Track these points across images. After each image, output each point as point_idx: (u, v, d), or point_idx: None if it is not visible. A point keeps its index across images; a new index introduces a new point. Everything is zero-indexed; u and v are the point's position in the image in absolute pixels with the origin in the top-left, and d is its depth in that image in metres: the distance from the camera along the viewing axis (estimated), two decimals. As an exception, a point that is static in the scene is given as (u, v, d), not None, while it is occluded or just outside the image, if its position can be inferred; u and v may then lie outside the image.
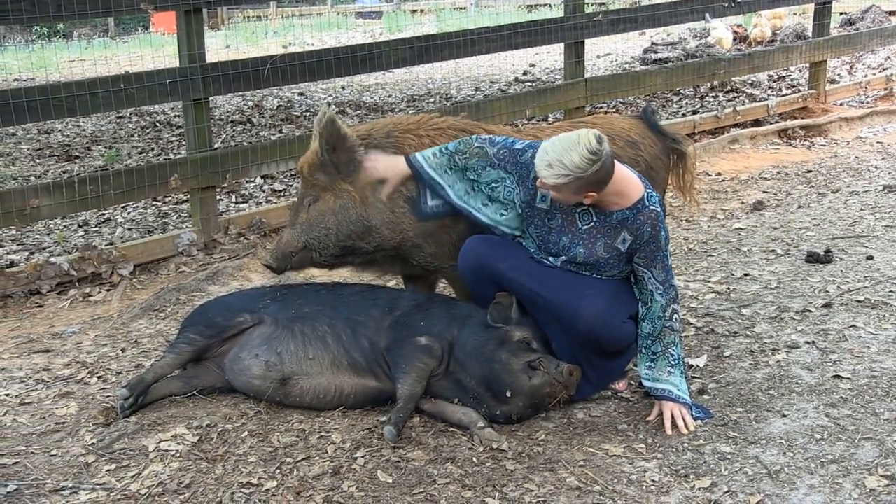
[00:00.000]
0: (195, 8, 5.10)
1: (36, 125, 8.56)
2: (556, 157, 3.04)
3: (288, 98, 10.13)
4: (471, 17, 14.74)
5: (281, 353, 3.38)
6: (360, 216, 3.48)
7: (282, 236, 3.57)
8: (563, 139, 3.08)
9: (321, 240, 3.51)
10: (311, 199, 3.50)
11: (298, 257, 3.54)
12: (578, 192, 3.11)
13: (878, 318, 4.02)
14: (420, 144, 3.56)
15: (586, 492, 2.87)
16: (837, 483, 2.85)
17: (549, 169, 3.06)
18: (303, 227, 3.51)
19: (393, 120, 3.68)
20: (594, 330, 3.23)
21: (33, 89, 4.66)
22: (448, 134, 3.63)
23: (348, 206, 3.48)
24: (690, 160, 3.98)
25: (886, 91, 9.06)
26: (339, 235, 3.50)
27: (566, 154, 3.03)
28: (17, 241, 5.62)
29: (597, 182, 3.10)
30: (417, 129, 3.61)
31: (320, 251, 3.54)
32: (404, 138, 3.57)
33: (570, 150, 3.03)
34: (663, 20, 7.62)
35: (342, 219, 3.48)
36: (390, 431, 3.09)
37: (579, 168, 3.03)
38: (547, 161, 3.06)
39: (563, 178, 3.05)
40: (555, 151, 3.05)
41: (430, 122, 3.67)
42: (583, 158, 3.02)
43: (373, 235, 3.51)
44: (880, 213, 5.58)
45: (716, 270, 4.77)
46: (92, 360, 3.94)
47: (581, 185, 3.08)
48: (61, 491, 2.91)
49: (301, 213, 3.53)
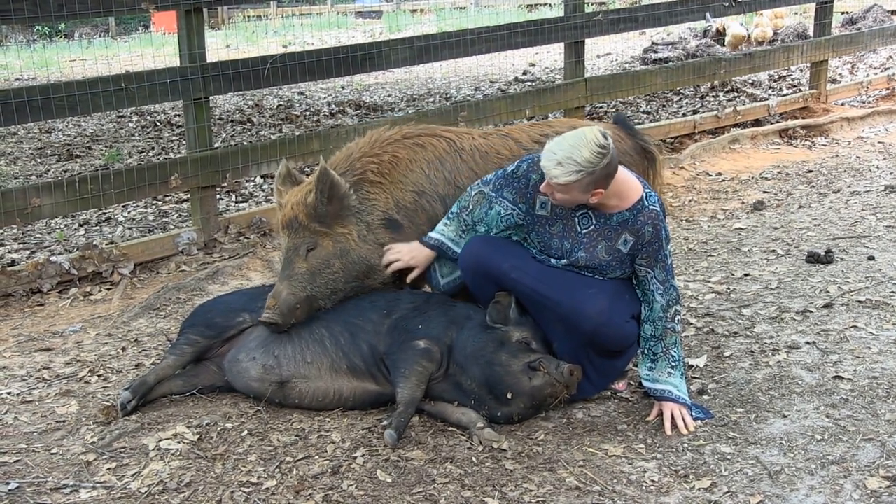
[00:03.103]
0: (196, 7, 5.10)
1: (37, 124, 8.56)
2: (566, 155, 3.05)
3: (288, 97, 10.13)
4: (471, 17, 14.73)
5: (278, 357, 3.38)
6: (361, 258, 3.47)
7: (278, 291, 3.42)
8: (568, 138, 3.09)
9: (329, 286, 3.45)
10: (308, 246, 3.44)
11: (303, 308, 3.42)
12: (587, 189, 3.11)
13: (880, 319, 4.02)
14: (380, 163, 3.54)
15: (586, 492, 2.87)
16: (838, 484, 2.85)
17: (559, 168, 3.06)
18: (304, 276, 3.42)
19: (345, 151, 3.64)
20: (597, 329, 3.23)
21: (34, 88, 4.67)
22: (405, 144, 3.61)
23: (349, 250, 3.46)
24: (660, 163, 3.97)
25: (888, 91, 9.05)
26: (346, 278, 3.47)
27: (576, 151, 3.04)
28: (18, 239, 5.63)
29: (605, 177, 3.10)
30: (372, 149, 3.58)
31: (328, 297, 3.46)
32: (364, 164, 3.54)
33: (578, 146, 3.04)
34: (663, 20, 7.62)
35: (346, 262, 3.46)
36: (391, 435, 3.09)
37: (590, 163, 3.03)
38: (556, 160, 3.06)
39: (574, 174, 3.05)
40: (563, 150, 3.06)
41: (381, 138, 3.63)
42: (593, 153, 3.03)
43: (377, 274, 3.51)
44: (881, 214, 5.58)
45: (716, 270, 4.77)
46: (93, 358, 3.94)
47: (591, 182, 3.08)
48: (62, 489, 2.91)
49: (297, 263, 3.43)
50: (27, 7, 4.58)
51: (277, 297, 3.41)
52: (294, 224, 3.46)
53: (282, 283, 3.44)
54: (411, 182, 3.56)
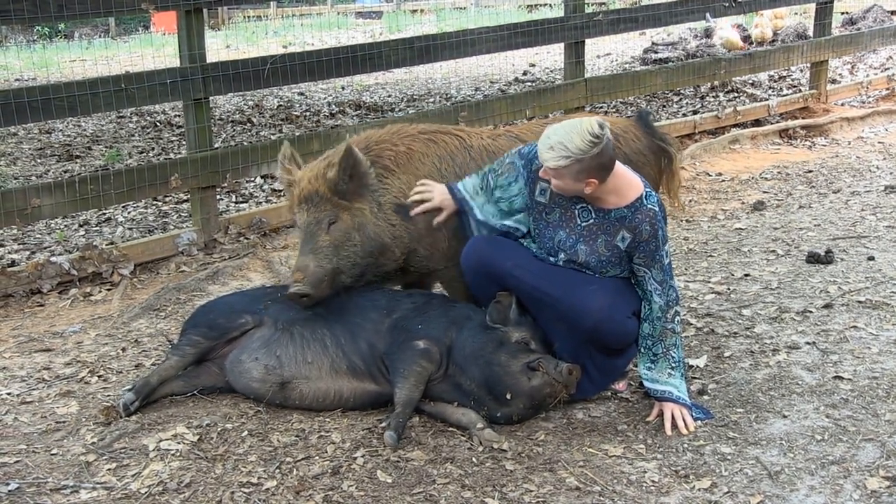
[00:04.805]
0: (196, 8, 5.09)
1: (37, 125, 8.54)
2: (558, 140, 3.09)
3: (288, 98, 10.13)
4: (471, 17, 14.73)
5: (280, 357, 3.38)
6: (376, 234, 3.51)
7: (304, 264, 3.41)
8: (566, 124, 3.13)
9: (350, 258, 3.48)
10: (329, 219, 3.46)
11: (329, 281, 3.43)
12: (579, 177, 3.12)
13: (880, 319, 4.02)
14: (397, 153, 3.62)
15: (586, 492, 2.87)
16: (838, 484, 2.85)
17: (550, 151, 3.10)
18: (328, 248, 3.44)
19: (365, 135, 3.73)
20: (598, 325, 3.23)
21: (34, 89, 4.66)
22: (420, 139, 3.71)
23: (366, 224, 3.50)
24: (677, 163, 3.98)
25: (888, 91, 9.05)
26: (363, 253, 3.50)
27: (568, 137, 3.07)
28: (18, 240, 5.62)
29: (598, 168, 3.12)
30: (391, 138, 3.68)
31: (348, 271, 3.49)
32: (381, 149, 3.63)
33: (571, 132, 3.08)
34: (664, 20, 7.61)
35: (363, 237, 3.49)
36: (391, 436, 3.09)
37: (580, 150, 3.05)
38: (549, 144, 3.10)
39: (563, 160, 3.08)
40: (556, 135, 3.10)
41: (400, 131, 3.74)
42: (584, 140, 3.06)
43: (389, 252, 3.56)
44: (881, 214, 5.58)
45: (716, 271, 4.77)
46: (93, 359, 3.94)
47: (581, 170, 3.10)
48: (62, 490, 2.91)
49: (320, 235, 3.45)
50: (27, 7, 4.58)
51: (304, 271, 3.40)
52: (314, 198, 3.49)
53: (306, 255, 3.44)
54: (423, 174, 3.63)
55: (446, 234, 3.61)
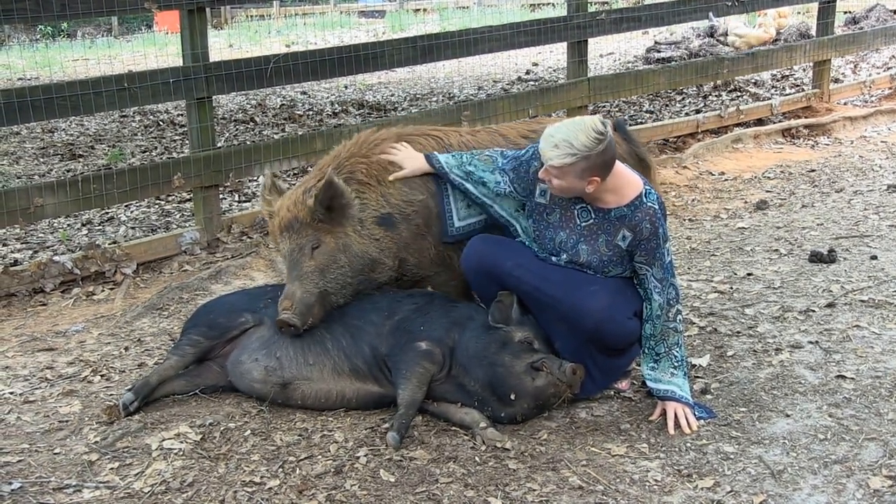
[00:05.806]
0: (199, 7, 5.10)
1: (40, 124, 8.56)
2: (563, 138, 3.09)
3: (291, 97, 10.13)
4: (474, 17, 14.74)
5: (280, 358, 3.38)
6: (362, 251, 3.49)
7: (292, 292, 3.39)
8: (568, 123, 3.14)
9: (338, 280, 3.46)
10: (312, 244, 3.44)
11: (318, 305, 3.42)
12: (582, 175, 3.12)
13: (882, 318, 4.01)
14: (369, 164, 3.57)
15: (589, 491, 2.87)
16: (841, 483, 2.85)
17: (555, 150, 3.10)
18: (314, 274, 3.42)
19: (334, 153, 3.66)
20: (599, 326, 3.23)
21: (37, 88, 4.67)
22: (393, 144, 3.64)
23: (351, 244, 3.48)
24: (653, 171, 3.95)
25: (891, 90, 9.03)
26: (353, 272, 3.48)
27: (573, 134, 3.08)
28: (20, 239, 5.63)
29: (602, 165, 3.12)
30: (360, 150, 3.61)
31: (339, 292, 3.47)
32: (353, 165, 3.57)
33: (576, 130, 3.09)
34: (666, 19, 7.61)
35: (350, 256, 3.47)
36: (393, 437, 3.09)
37: (586, 147, 3.06)
38: (553, 142, 3.10)
39: (569, 157, 3.08)
40: (561, 133, 3.11)
41: (368, 140, 3.66)
42: (589, 138, 3.07)
43: (382, 266, 3.54)
44: (884, 213, 5.57)
45: (719, 270, 4.76)
46: (95, 358, 3.95)
47: (586, 168, 3.10)
48: (65, 489, 2.91)
49: (304, 262, 3.43)
50: (30, 7, 4.58)
51: (292, 298, 3.38)
52: (295, 224, 3.46)
53: (293, 283, 3.42)
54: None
55: (432, 240, 3.60)
